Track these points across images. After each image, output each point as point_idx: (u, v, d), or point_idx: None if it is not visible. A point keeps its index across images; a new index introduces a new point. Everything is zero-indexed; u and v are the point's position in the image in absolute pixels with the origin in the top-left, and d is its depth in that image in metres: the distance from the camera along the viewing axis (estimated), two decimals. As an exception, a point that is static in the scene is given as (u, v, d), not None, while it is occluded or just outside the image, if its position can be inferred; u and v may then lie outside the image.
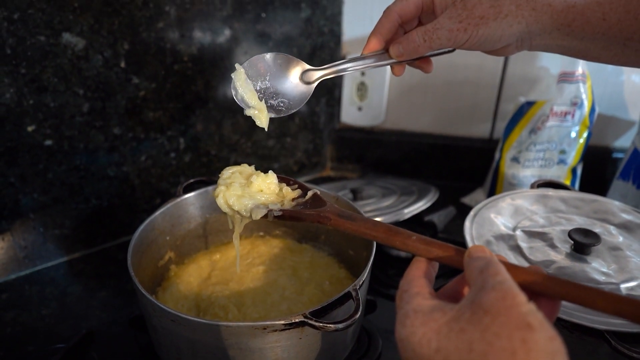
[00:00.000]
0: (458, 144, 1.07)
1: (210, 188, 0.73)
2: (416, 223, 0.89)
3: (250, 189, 0.54)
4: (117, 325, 0.72)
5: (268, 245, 0.76)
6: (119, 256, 0.88)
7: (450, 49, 0.58)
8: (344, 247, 0.73)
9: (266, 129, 0.55)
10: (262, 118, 0.55)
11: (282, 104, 0.56)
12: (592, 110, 0.90)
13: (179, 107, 0.89)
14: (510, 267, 0.39)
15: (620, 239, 0.62)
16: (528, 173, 0.92)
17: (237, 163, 0.73)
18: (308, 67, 0.57)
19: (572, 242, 0.59)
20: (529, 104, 0.91)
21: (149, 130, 0.87)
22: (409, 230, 0.46)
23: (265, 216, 0.53)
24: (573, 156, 0.91)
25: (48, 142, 0.77)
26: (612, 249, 0.60)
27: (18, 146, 0.75)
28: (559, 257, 0.59)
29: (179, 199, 0.71)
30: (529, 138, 0.91)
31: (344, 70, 0.59)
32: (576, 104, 0.88)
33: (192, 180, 0.75)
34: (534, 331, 0.31)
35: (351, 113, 1.09)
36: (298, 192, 0.56)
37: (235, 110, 0.96)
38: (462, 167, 1.08)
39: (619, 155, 1.01)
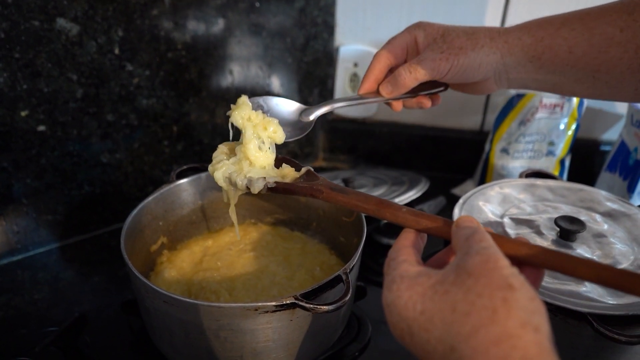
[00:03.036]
0: (449, 136, 1.08)
1: (203, 175, 0.74)
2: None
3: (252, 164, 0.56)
4: (110, 310, 0.73)
5: (260, 232, 0.77)
6: (111, 243, 0.89)
7: (441, 88, 0.62)
8: (335, 234, 0.74)
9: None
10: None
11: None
12: (581, 102, 0.91)
13: (173, 95, 0.89)
14: (496, 237, 0.41)
15: (605, 226, 0.64)
16: (517, 164, 0.94)
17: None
18: (304, 107, 0.61)
19: (558, 229, 0.60)
20: (519, 97, 0.93)
21: (142, 117, 0.87)
22: (401, 205, 0.47)
23: (263, 188, 0.54)
24: (561, 148, 0.93)
25: (41, 128, 0.78)
26: (597, 236, 0.61)
27: (11, 131, 0.75)
28: (545, 243, 0.60)
29: (172, 185, 0.71)
30: (518, 130, 0.92)
31: (339, 106, 0.63)
32: (563, 96, 0.90)
33: (185, 167, 0.75)
34: (514, 291, 0.33)
35: (344, 104, 1.10)
36: (298, 173, 0.57)
37: (228, 99, 0.97)
38: (453, 158, 1.10)
39: (607, 148, 1.02)
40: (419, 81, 0.60)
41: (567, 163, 0.96)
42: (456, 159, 1.09)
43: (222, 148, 0.58)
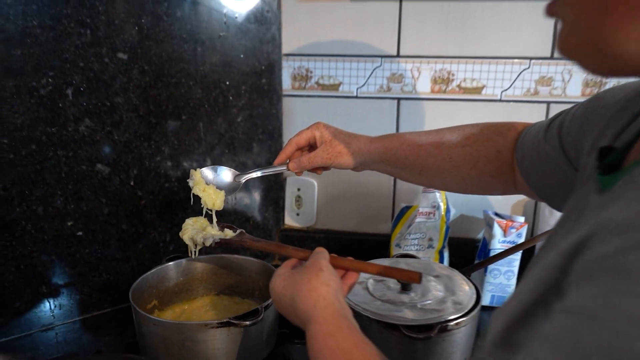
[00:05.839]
0: (368, 239, 1.48)
1: (184, 260, 1.13)
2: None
3: (205, 229, 0.94)
4: (118, 352, 1.08)
5: (220, 300, 1.14)
6: (118, 316, 1.24)
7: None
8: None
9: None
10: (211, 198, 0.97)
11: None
12: (448, 210, 1.33)
13: (168, 212, 1.31)
14: (332, 256, 0.79)
15: (433, 283, 1.01)
16: (408, 255, 1.32)
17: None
18: (238, 172, 1.01)
19: (400, 283, 0.98)
20: (407, 207, 1.34)
21: (146, 227, 1.28)
22: (292, 247, 0.86)
23: (211, 243, 0.92)
24: (438, 242, 1.32)
25: (79, 233, 1.18)
26: (425, 288, 0.99)
27: (60, 235, 1.16)
28: (391, 292, 0.97)
29: (163, 266, 1.10)
30: (407, 230, 1.33)
31: (260, 173, 1.01)
32: (435, 206, 1.31)
33: (172, 255, 1.14)
34: (323, 271, 0.70)
35: (292, 217, 1.51)
36: (234, 233, 0.96)
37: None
38: (373, 255, 1.48)
39: (479, 243, 1.42)
40: (313, 167, 0.98)
41: (445, 254, 1.35)
42: (375, 255, 1.47)
43: (188, 221, 0.97)
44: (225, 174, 1.00)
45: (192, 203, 0.97)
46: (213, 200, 0.96)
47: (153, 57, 1.18)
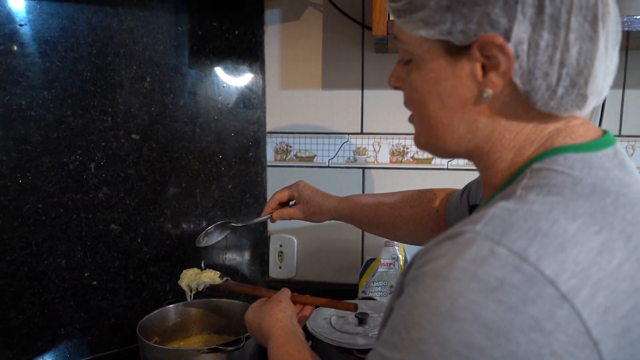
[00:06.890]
0: (341, 288, 1.71)
1: (180, 304, 1.35)
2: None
3: (198, 277, 1.18)
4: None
5: (212, 337, 1.36)
6: (124, 355, 1.45)
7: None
8: (252, 334, 1.32)
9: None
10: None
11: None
12: (406, 261, 1.56)
13: (168, 265, 1.54)
14: (295, 294, 1.02)
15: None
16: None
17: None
18: (231, 222, 1.26)
19: (357, 319, 1.20)
20: (371, 260, 1.57)
21: (149, 277, 1.51)
22: (264, 288, 1.09)
23: (203, 288, 1.15)
24: (397, 289, 1.55)
25: (94, 283, 1.41)
26: (376, 321, 1.21)
27: (78, 284, 1.38)
28: (349, 325, 1.19)
29: (163, 308, 1.32)
30: (371, 279, 1.55)
31: (251, 222, 1.26)
32: (395, 258, 1.55)
33: (170, 300, 1.37)
34: (281, 302, 0.94)
35: (275, 270, 1.74)
36: (221, 280, 1.19)
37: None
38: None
39: (436, 291, 1.64)
40: (292, 219, 1.23)
41: (405, 299, 1.57)
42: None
43: (185, 272, 1.21)
44: (220, 228, 1.25)
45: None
46: (212, 277, 1.20)
47: (160, 137, 1.46)
